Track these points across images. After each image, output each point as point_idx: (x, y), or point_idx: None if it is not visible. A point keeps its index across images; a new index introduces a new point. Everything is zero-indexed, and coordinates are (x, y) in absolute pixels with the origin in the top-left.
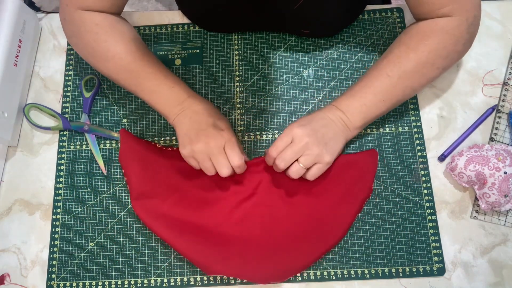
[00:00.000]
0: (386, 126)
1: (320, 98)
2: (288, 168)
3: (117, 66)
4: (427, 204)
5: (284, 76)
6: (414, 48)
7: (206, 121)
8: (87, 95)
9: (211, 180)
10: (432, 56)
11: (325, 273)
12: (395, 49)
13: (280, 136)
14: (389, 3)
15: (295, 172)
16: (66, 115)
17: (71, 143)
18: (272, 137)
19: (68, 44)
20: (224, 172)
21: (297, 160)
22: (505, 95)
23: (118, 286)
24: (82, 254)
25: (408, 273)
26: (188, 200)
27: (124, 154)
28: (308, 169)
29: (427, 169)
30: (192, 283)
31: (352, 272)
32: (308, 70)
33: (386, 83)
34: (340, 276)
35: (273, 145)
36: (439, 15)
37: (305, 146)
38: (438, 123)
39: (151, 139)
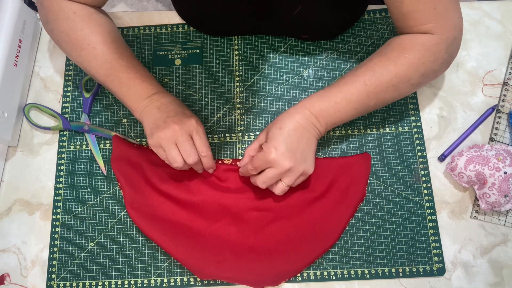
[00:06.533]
0: (386, 126)
1: None
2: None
3: (90, 55)
4: (427, 204)
5: (284, 76)
6: (394, 60)
7: (174, 109)
8: (87, 95)
9: (204, 183)
10: (411, 71)
11: (325, 273)
12: (375, 58)
13: (257, 158)
14: None
15: (280, 191)
16: (66, 115)
17: (71, 143)
18: None
19: None
20: (190, 160)
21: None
22: (505, 95)
23: (118, 286)
24: (82, 254)
25: (408, 273)
26: (181, 204)
27: (116, 161)
28: None
29: (427, 169)
30: (192, 283)
31: (352, 272)
32: (308, 70)
33: (361, 92)
34: (340, 276)
35: (252, 164)
36: (420, 30)
37: (288, 170)
38: (438, 123)
39: None
